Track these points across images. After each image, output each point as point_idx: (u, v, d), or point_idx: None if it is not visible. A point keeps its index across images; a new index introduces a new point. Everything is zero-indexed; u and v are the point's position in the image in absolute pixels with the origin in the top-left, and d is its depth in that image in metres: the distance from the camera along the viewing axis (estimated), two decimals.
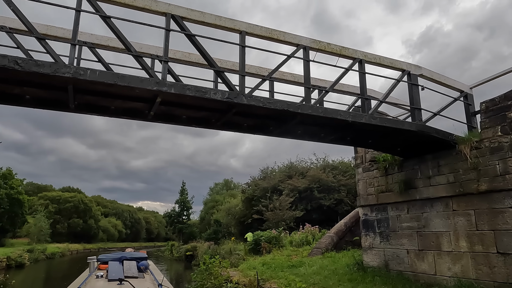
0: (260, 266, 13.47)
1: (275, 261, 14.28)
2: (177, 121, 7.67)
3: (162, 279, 6.65)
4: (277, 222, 23.40)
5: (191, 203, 57.16)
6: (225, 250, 31.34)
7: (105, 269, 7.05)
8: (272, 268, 12.83)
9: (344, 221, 17.27)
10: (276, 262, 14.10)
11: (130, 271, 6.68)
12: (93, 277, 6.74)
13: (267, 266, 13.35)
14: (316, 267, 12.16)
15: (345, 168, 36.12)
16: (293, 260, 14.41)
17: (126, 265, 6.95)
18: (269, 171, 39.81)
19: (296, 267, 12.66)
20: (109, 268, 6.80)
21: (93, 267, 7.45)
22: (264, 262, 14.41)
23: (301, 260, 14.13)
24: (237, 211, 42.01)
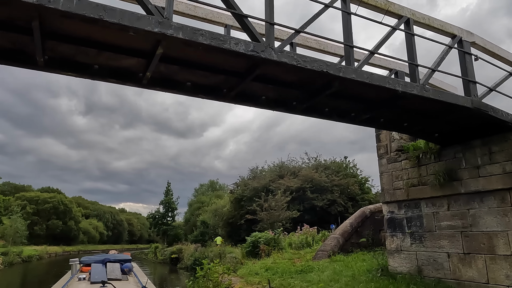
0: (263, 272, 11.72)
1: (278, 266, 12.54)
2: (179, 88, 5.82)
3: (146, 281, 6.42)
4: (272, 223, 21.71)
5: (176, 204, 54.93)
6: (214, 253, 29.46)
7: (88, 271, 6.86)
8: (279, 273, 11.08)
9: (350, 221, 15.65)
10: (279, 266, 12.36)
11: (113, 273, 6.44)
12: (75, 280, 6.56)
13: (272, 271, 11.59)
14: (329, 273, 10.47)
15: (337, 168, 34.72)
16: (298, 264, 12.70)
17: (109, 267, 6.72)
18: (258, 170, 38.10)
19: (305, 273, 10.95)
20: (92, 270, 6.62)
21: (75, 269, 7.27)
22: (266, 266, 12.67)
23: (307, 264, 12.43)
24: (224, 212, 40.13)
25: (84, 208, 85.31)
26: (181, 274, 33.61)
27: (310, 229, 19.02)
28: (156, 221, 57.01)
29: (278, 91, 6.24)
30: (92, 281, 6.12)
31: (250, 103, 6.42)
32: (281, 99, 6.45)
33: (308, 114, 6.97)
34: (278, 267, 12.14)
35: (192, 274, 31.16)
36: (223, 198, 53.24)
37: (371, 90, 6.03)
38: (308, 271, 11.11)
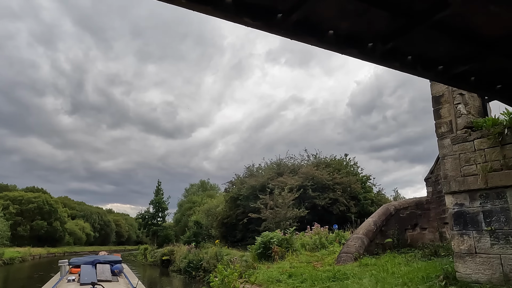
0: (285, 278, 9.61)
1: (299, 271, 10.44)
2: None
3: (137, 282, 6.21)
4: (278, 222, 19.62)
5: (167, 204, 52.33)
6: (210, 255, 27.22)
7: (77, 272, 6.66)
8: (308, 281, 8.97)
9: (373, 220, 13.66)
10: (301, 271, 10.27)
11: (103, 274, 6.22)
12: (64, 281, 6.38)
13: (297, 278, 9.48)
14: (370, 281, 8.43)
15: (338, 166, 32.85)
16: (322, 269, 10.64)
17: (99, 268, 6.51)
18: (255, 168, 35.99)
19: (339, 280, 8.87)
20: (82, 272, 6.43)
21: (65, 270, 7.12)
22: (286, 271, 10.57)
23: (335, 269, 10.37)
24: (219, 212, 37.90)
25: (70, 209, 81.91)
26: (174, 277, 31.20)
27: (321, 229, 16.99)
28: (145, 222, 54.24)
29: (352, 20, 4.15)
30: (81, 283, 5.90)
31: (312, 39, 4.31)
32: (355, 33, 4.38)
33: (386, 63, 4.89)
34: (301, 272, 10.05)
35: (186, 277, 28.98)
36: (216, 198, 50.97)
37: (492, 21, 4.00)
38: (341, 278, 9.04)
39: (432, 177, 13.57)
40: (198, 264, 27.43)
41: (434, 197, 13.46)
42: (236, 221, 33.49)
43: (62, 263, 7.28)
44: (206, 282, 25.38)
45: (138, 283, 6.40)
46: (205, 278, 25.60)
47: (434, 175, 13.42)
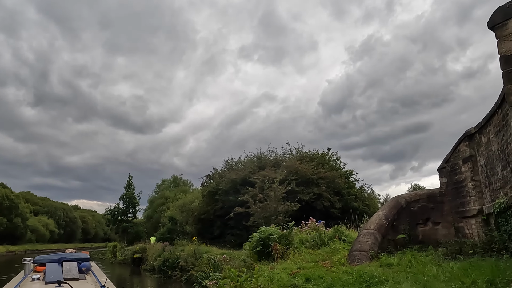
0: (302, 283, 7.80)
1: (312, 272, 8.65)
2: None
3: (105, 280, 5.86)
4: (268, 217, 17.81)
5: (138, 199, 49.39)
6: (188, 253, 25.11)
7: (42, 271, 6.28)
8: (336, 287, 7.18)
9: (383, 213, 12.11)
10: (317, 273, 8.49)
11: (70, 272, 5.91)
12: (28, 280, 6.04)
13: (317, 283, 7.68)
14: (412, 286, 6.78)
15: (321, 160, 31.45)
16: (338, 271, 8.92)
17: (66, 266, 6.20)
18: (234, 162, 34.05)
19: (374, 285, 7.16)
20: (47, 270, 6.08)
21: (29, 269, 6.81)
22: (296, 273, 8.78)
23: (353, 270, 8.69)
24: (195, 208, 35.79)
25: (33, 204, 76.94)
26: (147, 277, 28.80)
27: (317, 224, 15.33)
28: (115, 218, 51.00)
29: None
30: (47, 281, 5.55)
31: None
32: None
33: None
34: (318, 275, 8.27)
35: (161, 276, 26.64)
36: (190, 193, 48.67)
37: None
38: (374, 282, 7.32)
39: (448, 167, 12.17)
40: (174, 262, 25.25)
41: (450, 188, 12.07)
42: (214, 217, 31.51)
43: (26, 261, 7.03)
44: (184, 282, 23.37)
45: (107, 281, 6.06)
46: (183, 278, 23.51)
47: (450, 164, 12.01)
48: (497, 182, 9.76)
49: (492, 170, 9.99)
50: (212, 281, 10.89)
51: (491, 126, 9.87)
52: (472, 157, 10.96)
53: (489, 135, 10.02)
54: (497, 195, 9.81)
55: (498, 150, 9.58)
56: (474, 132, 10.81)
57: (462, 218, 11.50)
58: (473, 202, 10.86)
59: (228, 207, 29.70)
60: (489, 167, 10.20)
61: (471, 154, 10.98)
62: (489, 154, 10.13)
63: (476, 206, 10.66)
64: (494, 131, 9.75)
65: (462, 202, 11.40)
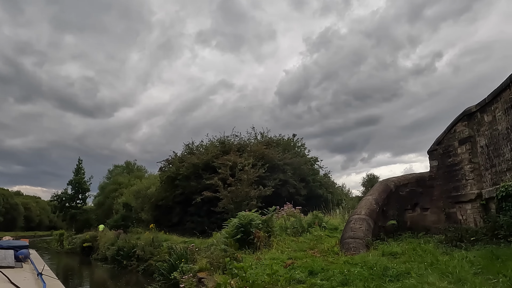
0: (305, 277, 6.42)
1: (310, 264, 7.28)
2: None
3: (43, 267, 5.39)
4: (239, 202, 16.31)
5: (88, 185, 45.88)
6: (146, 241, 23.14)
7: None
8: (354, 282, 5.82)
9: (373, 197, 11.06)
10: (317, 265, 7.13)
11: (5, 260, 5.35)
12: None
13: (325, 276, 6.32)
14: (444, 281, 5.63)
15: (287, 146, 30.43)
16: (338, 261, 7.65)
17: (0, 254, 5.53)
18: (195, 146, 32.09)
19: (396, 280, 5.91)
20: None
21: None
22: (293, 265, 7.40)
23: (356, 260, 7.49)
24: (152, 194, 33.54)
25: None
26: (98, 267, 26.42)
27: (294, 210, 14.12)
28: (62, 204, 47.15)
29: None
30: None
31: None
32: None
33: None
34: (318, 267, 6.92)
35: (115, 266, 24.39)
36: (145, 179, 46.03)
37: None
38: (392, 275, 6.07)
39: (440, 149, 11.31)
40: (130, 251, 23.18)
41: (441, 172, 11.24)
42: (173, 203, 29.55)
43: None
44: (141, 273, 21.45)
45: (45, 268, 5.60)
46: (140, 268, 21.56)
47: (443, 146, 11.16)
48: (503, 164, 8.95)
49: (497, 151, 9.18)
50: (185, 275, 9.31)
51: (499, 103, 9.02)
52: (471, 138, 10.12)
53: (495, 113, 9.17)
54: (502, 178, 9.03)
55: (507, 129, 8.74)
56: (475, 111, 9.97)
57: (454, 204, 10.70)
58: (470, 186, 10.05)
59: (189, 193, 27.91)
60: (492, 148, 9.39)
61: (469, 135, 10.14)
62: (493, 134, 9.31)
63: (474, 190, 9.85)
64: (502, 108, 8.90)
65: (456, 186, 10.59)
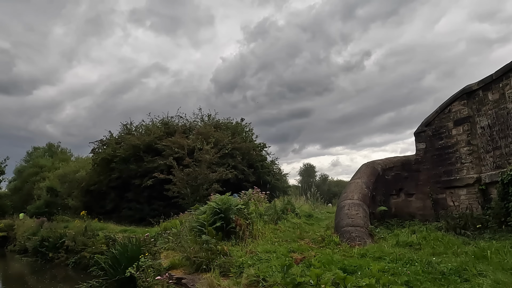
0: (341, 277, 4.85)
1: (326, 260, 5.65)
2: None
3: None
4: (196, 186, 14.24)
5: (4, 167, 39.97)
6: (78, 230, 20.08)
7: None
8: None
9: (362, 181, 9.87)
10: (338, 262, 5.60)
11: None
12: None
13: (364, 276, 4.80)
14: None
15: (236, 130, 28.70)
16: (353, 254, 6.24)
17: None
18: (133, 127, 29.04)
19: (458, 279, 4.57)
20: None
21: None
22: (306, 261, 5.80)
23: (373, 253, 6.16)
24: (83, 178, 29.91)
25: None
26: (16, 261, 22.59)
27: (261, 195, 12.55)
28: None
29: None
30: None
31: None
32: None
33: None
34: (346, 264, 5.39)
35: (38, 259, 20.84)
36: (73, 162, 41.48)
37: None
38: (445, 272, 4.74)
39: (429, 131, 10.45)
40: (57, 242, 19.94)
41: (429, 155, 10.40)
42: (107, 188, 26.47)
43: None
44: (71, 266, 18.44)
45: None
46: (69, 261, 18.54)
47: (433, 127, 10.30)
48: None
49: (504, 132, 8.40)
50: (144, 271, 7.32)
51: (511, 79, 8.24)
52: (469, 118, 9.31)
53: (504, 90, 8.36)
54: (509, 160, 8.29)
55: None
56: (477, 89, 9.14)
57: (444, 189, 9.91)
58: (467, 170, 9.27)
59: (127, 177, 25.09)
60: (497, 128, 8.61)
61: (468, 115, 9.32)
62: (499, 114, 8.52)
63: (473, 174, 9.08)
64: None
65: (448, 171, 9.79)
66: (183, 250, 7.36)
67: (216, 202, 8.22)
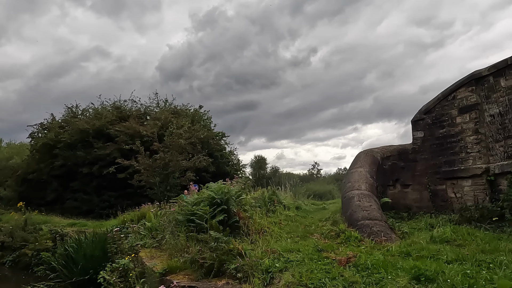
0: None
1: (373, 262, 4.63)
2: None
3: None
4: (167, 175, 12.51)
5: None
6: (16, 224, 17.41)
7: None
8: None
9: (366, 170, 8.99)
10: (381, 262, 4.61)
11: None
12: None
13: None
14: None
15: (194, 118, 26.94)
16: (388, 253, 5.24)
17: None
18: (80, 110, 26.15)
19: None
20: None
21: None
22: (353, 262, 4.69)
23: (412, 250, 5.25)
24: (18, 165, 26.53)
25: None
26: None
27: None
28: None
29: None
30: None
31: None
32: None
33: None
34: (422, 268, 4.34)
35: None
36: (4, 148, 37.03)
37: None
38: None
39: (428, 118, 9.83)
40: None
41: (428, 144, 9.79)
42: (48, 177, 23.57)
43: None
44: (8, 265, 15.78)
45: None
46: (6, 260, 15.92)
47: (434, 115, 9.69)
48: None
49: None
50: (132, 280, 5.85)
51: None
52: (477, 105, 8.77)
53: None
54: None
55: None
56: (487, 75, 8.62)
57: (444, 180, 9.35)
58: (474, 160, 8.73)
59: (74, 165, 22.47)
60: (510, 117, 8.15)
61: (477, 102, 8.78)
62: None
63: (480, 165, 8.55)
64: None
65: (451, 160, 9.22)
66: (177, 250, 5.93)
67: (213, 191, 6.84)
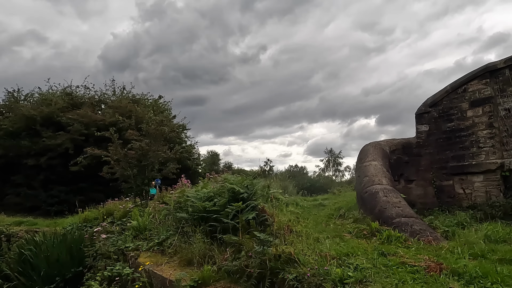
0: None
1: (470, 272, 3.87)
2: None
3: None
4: (143, 168, 10.90)
5: None
6: None
7: None
8: None
9: (380, 163, 8.27)
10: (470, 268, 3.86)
11: None
12: None
13: None
14: None
15: (154, 108, 24.98)
16: (456, 257, 4.53)
17: None
18: (22, 95, 23.09)
19: None
20: None
21: None
22: (445, 271, 3.84)
23: (482, 252, 4.61)
24: None
25: None
26: None
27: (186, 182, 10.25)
28: None
29: None
30: None
31: None
32: None
33: None
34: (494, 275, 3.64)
35: None
36: None
37: None
38: None
39: (434, 112, 9.42)
40: None
41: (433, 138, 9.38)
42: None
43: None
44: None
45: None
46: None
47: (441, 108, 9.29)
48: None
49: None
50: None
51: None
52: (491, 99, 8.45)
53: None
54: None
55: None
56: (503, 67, 8.32)
57: (452, 175, 8.98)
58: (487, 155, 8.40)
59: (16, 156, 19.74)
60: None
61: (491, 95, 8.46)
62: None
63: (496, 160, 8.23)
64: None
65: (460, 155, 8.85)
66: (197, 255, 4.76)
67: (235, 184, 5.70)
